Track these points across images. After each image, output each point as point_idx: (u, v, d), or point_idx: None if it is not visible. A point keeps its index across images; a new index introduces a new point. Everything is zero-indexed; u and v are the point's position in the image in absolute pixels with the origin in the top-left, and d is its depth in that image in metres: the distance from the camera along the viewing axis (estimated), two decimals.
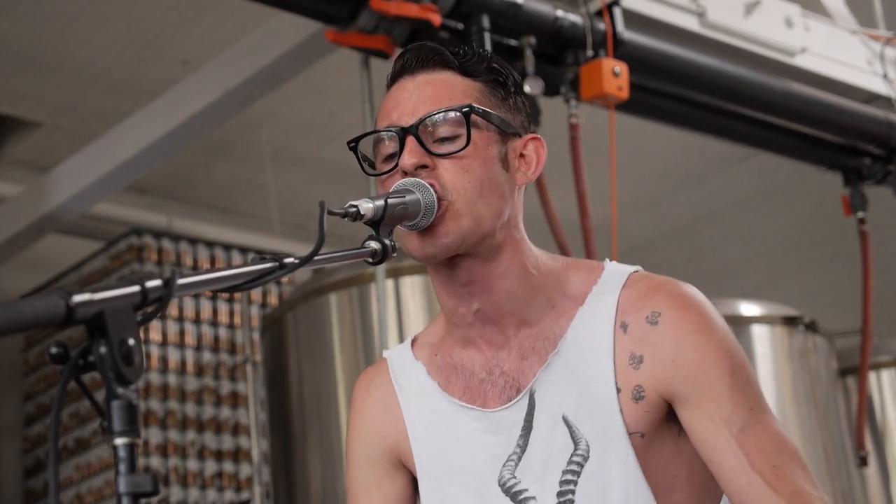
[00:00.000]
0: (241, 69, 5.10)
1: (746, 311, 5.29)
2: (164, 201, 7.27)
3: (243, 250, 7.02)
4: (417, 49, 1.88)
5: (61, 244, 6.93)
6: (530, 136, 1.92)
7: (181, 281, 1.32)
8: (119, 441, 1.21)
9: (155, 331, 6.61)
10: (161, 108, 5.48)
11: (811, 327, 5.34)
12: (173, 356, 6.63)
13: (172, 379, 6.60)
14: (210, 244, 6.97)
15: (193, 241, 6.92)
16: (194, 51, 6.14)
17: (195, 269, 6.85)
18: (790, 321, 5.29)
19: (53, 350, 1.22)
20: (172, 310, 6.69)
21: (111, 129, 5.74)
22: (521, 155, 1.90)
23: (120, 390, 1.21)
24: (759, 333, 5.25)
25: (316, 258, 1.53)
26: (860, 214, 5.58)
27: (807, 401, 5.21)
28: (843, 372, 5.66)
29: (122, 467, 1.20)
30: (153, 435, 6.47)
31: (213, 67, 5.26)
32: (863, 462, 5.44)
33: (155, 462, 6.44)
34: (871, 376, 5.90)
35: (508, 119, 1.88)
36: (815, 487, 1.79)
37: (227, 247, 7.02)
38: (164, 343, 6.63)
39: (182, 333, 6.71)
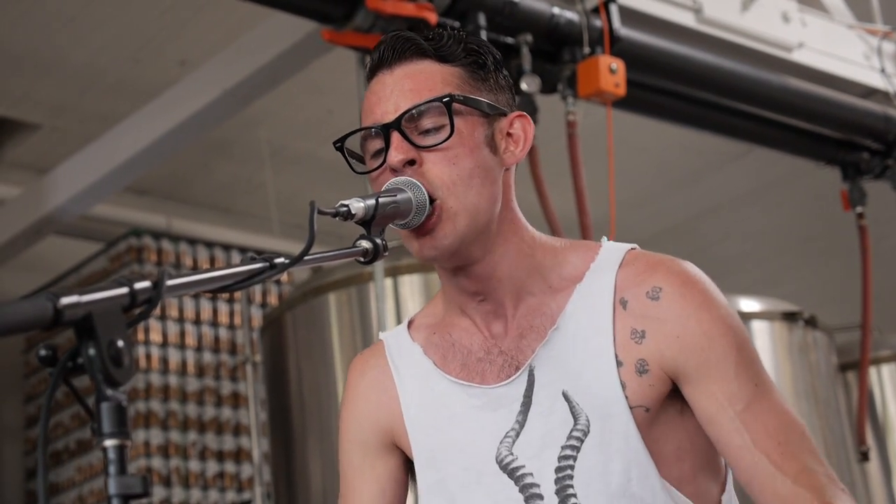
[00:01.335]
0: (239, 69, 5.10)
1: (746, 307, 5.29)
2: (163, 202, 7.27)
3: (243, 250, 7.02)
4: (392, 40, 1.86)
5: (60, 246, 6.93)
6: (516, 113, 1.90)
7: (170, 282, 1.32)
8: (108, 443, 1.20)
9: (156, 332, 6.61)
10: (159, 108, 5.48)
11: (811, 323, 5.34)
12: (174, 357, 6.63)
13: (173, 380, 6.61)
14: (209, 244, 6.98)
15: (193, 241, 6.92)
16: (192, 51, 6.14)
17: (195, 269, 6.85)
18: (790, 317, 5.29)
19: (42, 352, 1.22)
20: (173, 311, 6.70)
21: (109, 130, 5.74)
22: (508, 134, 1.89)
23: (109, 392, 1.21)
24: (759, 329, 5.24)
25: (306, 258, 1.53)
26: (859, 209, 5.59)
27: (807, 396, 5.21)
28: (843, 367, 5.66)
29: (112, 469, 1.19)
30: (155, 436, 6.47)
31: (210, 67, 5.26)
32: (864, 457, 5.44)
33: (157, 463, 6.44)
34: (872, 371, 5.90)
35: (491, 100, 1.87)
36: (820, 464, 1.78)
37: (227, 247, 7.03)
38: (164, 344, 6.63)
39: (183, 334, 6.71)
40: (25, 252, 6.46)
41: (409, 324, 2.00)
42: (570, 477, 1.80)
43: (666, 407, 1.83)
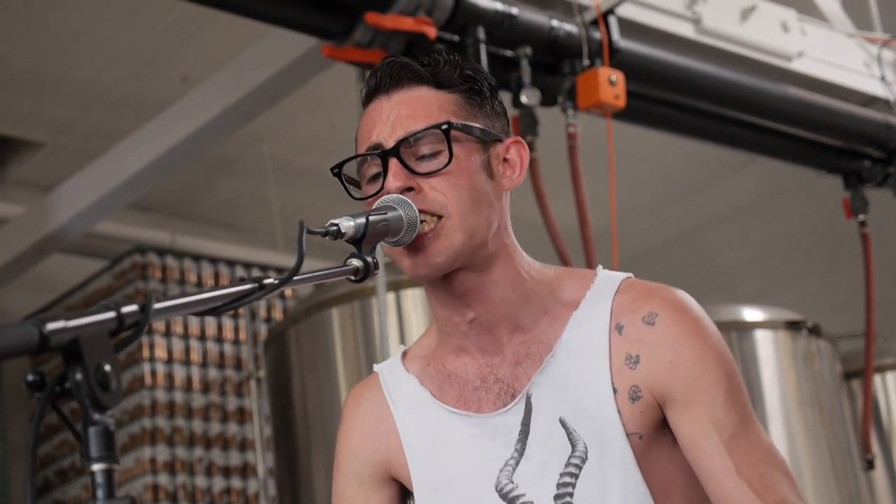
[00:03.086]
0: (241, 85, 5.11)
1: (749, 317, 5.29)
2: (167, 218, 7.28)
3: (247, 266, 7.03)
4: (389, 66, 1.87)
5: (65, 264, 6.94)
6: (512, 139, 1.91)
7: (157, 305, 1.32)
8: (96, 467, 1.21)
9: (161, 348, 6.61)
10: (162, 125, 5.50)
11: (815, 331, 5.33)
12: (179, 373, 6.64)
13: (179, 396, 6.61)
14: (214, 260, 6.98)
15: (197, 257, 6.93)
16: (194, 68, 6.16)
17: (199, 285, 6.86)
18: (793, 325, 5.29)
19: (29, 377, 1.22)
20: (178, 327, 6.71)
21: (113, 147, 5.75)
22: (505, 160, 1.90)
23: (97, 416, 1.22)
24: (763, 338, 5.24)
25: (296, 278, 1.54)
26: (861, 217, 5.58)
27: (812, 405, 5.21)
28: (847, 375, 5.65)
29: (100, 493, 1.20)
30: (161, 452, 6.47)
31: (212, 84, 5.28)
32: (870, 465, 5.43)
33: (163, 480, 6.44)
34: (876, 379, 5.89)
35: (487, 126, 1.88)
36: (799, 498, 1.80)
37: (231, 263, 7.03)
38: (169, 360, 6.63)
39: (187, 350, 6.71)
40: (30, 270, 6.47)
41: (403, 355, 1.99)
42: None
43: (658, 438, 1.85)
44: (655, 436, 1.84)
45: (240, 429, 6.76)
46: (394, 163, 1.81)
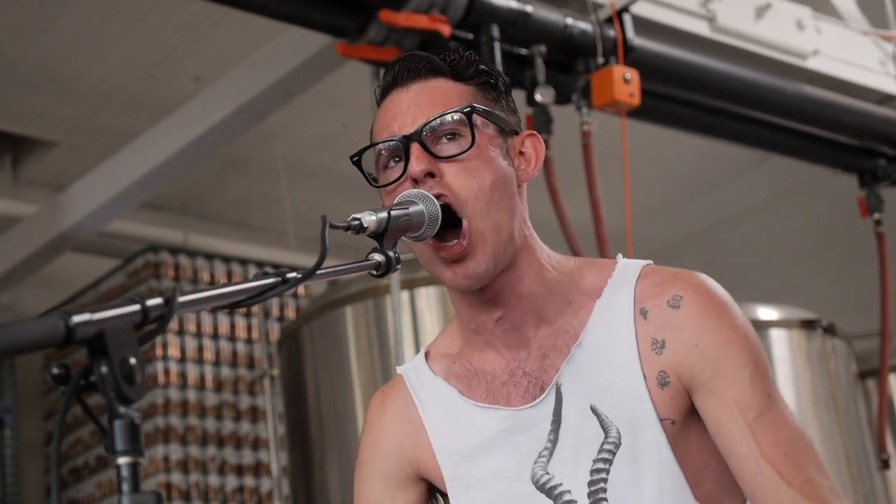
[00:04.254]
0: (254, 84, 5.11)
1: (764, 315, 5.27)
2: (179, 217, 7.28)
3: (260, 265, 7.02)
4: (407, 59, 1.88)
5: (78, 263, 6.94)
6: (527, 132, 1.93)
7: (182, 299, 1.32)
8: (122, 460, 1.20)
9: (174, 347, 6.62)
10: (174, 124, 5.50)
11: (829, 330, 5.32)
12: (192, 372, 6.64)
13: (192, 395, 6.61)
14: (226, 259, 6.98)
15: (210, 256, 6.93)
16: (206, 67, 6.16)
17: (212, 284, 6.86)
18: (808, 324, 5.28)
19: (55, 370, 1.22)
20: (191, 325, 6.71)
21: (125, 146, 5.76)
22: (521, 152, 1.91)
23: (122, 409, 1.21)
24: (778, 337, 5.23)
25: (319, 272, 1.53)
26: (876, 216, 5.57)
27: (826, 404, 5.19)
28: (862, 374, 5.63)
29: (125, 487, 1.19)
30: (174, 451, 6.47)
31: (225, 83, 5.28)
32: (885, 465, 5.41)
33: (176, 478, 6.44)
34: (892, 378, 5.87)
35: (505, 118, 1.89)
36: (825, 477, 1.79)
37: (244, 262, 7.03)
38: (182, 359, 6.63)
39: (201, 349, 6.72)
40: (43, 269, 6.47)
41: (426, 355, 1.99)
42: (604, 490, 1.81)
43: (689, 425, 1.84)
44: (686, 422, 1.84)
45: (253, 427, 6.76)
46: (416, 147, 1.82)
